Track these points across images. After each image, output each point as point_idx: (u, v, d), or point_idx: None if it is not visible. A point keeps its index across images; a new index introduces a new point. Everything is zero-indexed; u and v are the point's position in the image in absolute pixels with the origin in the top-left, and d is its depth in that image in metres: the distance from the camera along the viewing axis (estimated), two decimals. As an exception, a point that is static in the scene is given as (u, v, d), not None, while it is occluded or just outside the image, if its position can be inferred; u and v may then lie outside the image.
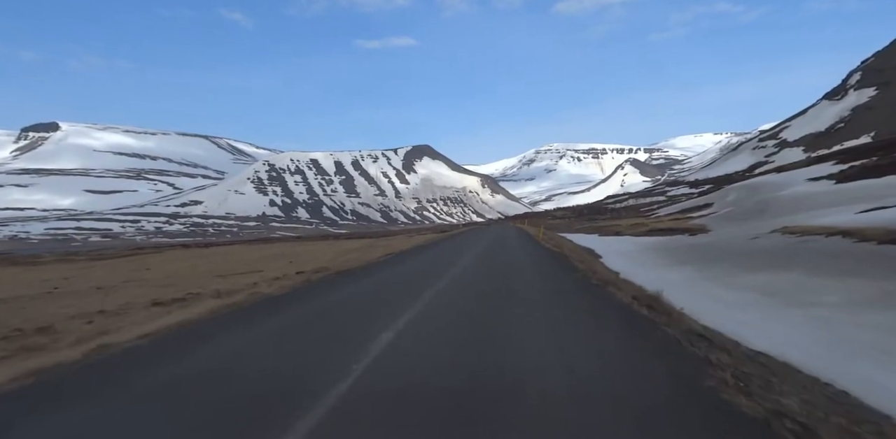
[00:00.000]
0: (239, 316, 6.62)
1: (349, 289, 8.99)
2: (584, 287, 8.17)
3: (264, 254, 24.93)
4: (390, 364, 3.98)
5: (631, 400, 3.07)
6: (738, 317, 6.11)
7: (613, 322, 5.47)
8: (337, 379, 3.60)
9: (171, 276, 15.85)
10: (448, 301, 7.06)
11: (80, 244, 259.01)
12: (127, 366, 4.34)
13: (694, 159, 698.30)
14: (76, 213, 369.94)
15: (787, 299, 7.02)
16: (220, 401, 3.27)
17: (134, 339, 5.20)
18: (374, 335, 4.91)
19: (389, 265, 14.08)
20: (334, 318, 6.19)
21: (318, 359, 4.22)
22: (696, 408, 2.91)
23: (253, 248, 35.79)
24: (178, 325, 5.94)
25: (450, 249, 17.91)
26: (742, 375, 3.39)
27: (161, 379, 3.82)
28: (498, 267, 12.27)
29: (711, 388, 3.18)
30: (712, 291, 8.32)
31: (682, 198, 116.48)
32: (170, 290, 10.27)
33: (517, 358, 4.08)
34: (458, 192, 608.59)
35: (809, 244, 10.20)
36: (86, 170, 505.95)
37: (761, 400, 2.95)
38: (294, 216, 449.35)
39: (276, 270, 13.65)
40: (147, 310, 7.39)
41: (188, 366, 4.16)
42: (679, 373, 3.53)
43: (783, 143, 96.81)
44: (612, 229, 25.05)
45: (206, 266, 19.22)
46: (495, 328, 5.22)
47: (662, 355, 4.03)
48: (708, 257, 11.87)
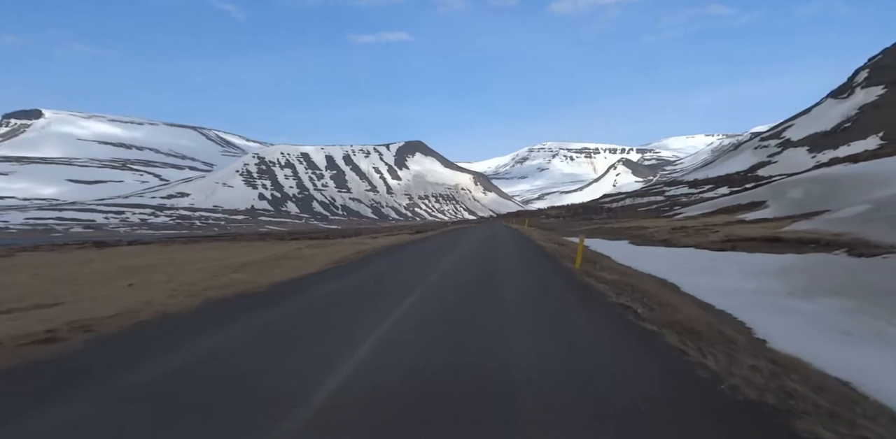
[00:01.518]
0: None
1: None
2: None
3: (132, 265, 15.62)
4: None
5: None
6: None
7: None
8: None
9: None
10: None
11: (60, 235, 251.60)
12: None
13: (686, 160, 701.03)
14: (58, 203, 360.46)
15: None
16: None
17: None
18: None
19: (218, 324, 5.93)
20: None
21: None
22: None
23: (151, 251, 27.78)
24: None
25: (395, 276, 9.99)
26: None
27: None
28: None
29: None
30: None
31: (681, 197, 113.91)
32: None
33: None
34: (450, 189, 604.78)
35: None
36: (69, 159, 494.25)
37: None
38: (283, 210, 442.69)
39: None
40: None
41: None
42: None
43: (786, 143, 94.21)
44: (640, 234, 20.13)
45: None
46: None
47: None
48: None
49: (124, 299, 7.43)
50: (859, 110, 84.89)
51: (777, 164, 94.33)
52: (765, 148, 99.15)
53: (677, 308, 6.09)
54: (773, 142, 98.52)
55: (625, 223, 32.49)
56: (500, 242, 19.97)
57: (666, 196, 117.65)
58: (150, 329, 5.60)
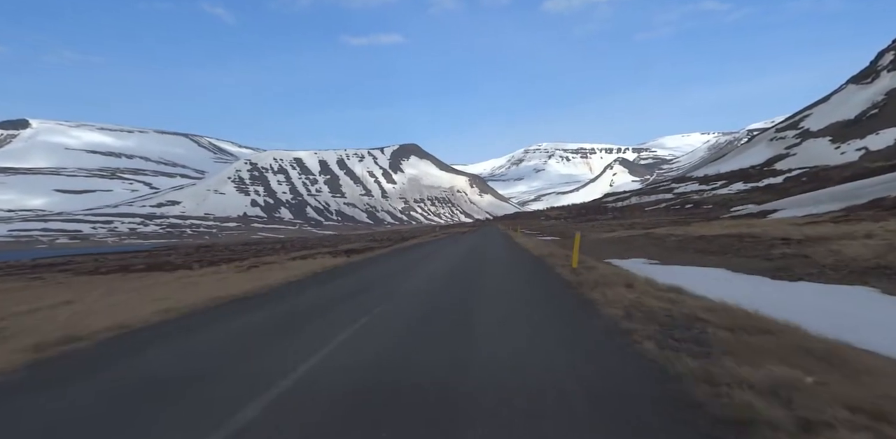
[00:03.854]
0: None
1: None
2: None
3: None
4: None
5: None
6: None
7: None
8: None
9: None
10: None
11: (45, 246, 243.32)
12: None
13: (682, 159, 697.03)
14: (44, 214, 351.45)
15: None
16: None
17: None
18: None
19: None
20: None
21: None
22: None
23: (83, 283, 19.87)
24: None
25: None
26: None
27: None
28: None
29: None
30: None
31: (691, 194, 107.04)
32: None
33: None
34: (445, 192, 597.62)
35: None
36: (57, 169, 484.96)
37: None
38: (277, 216, 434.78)
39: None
40: None
41: None
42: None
43: (805, 134, 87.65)
44: (779, 252, 10.32)
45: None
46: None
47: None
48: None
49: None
50: (886, 96, 78.41)
51: (796, 157, 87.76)
52: (781, 140, 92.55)
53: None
54: (791, 134, 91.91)
55: (675, 229, 23.12)
56: (496, 256, 13.91)
57: (675, 193, 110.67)
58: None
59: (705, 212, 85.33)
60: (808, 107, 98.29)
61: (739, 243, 12.47)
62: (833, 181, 46.33)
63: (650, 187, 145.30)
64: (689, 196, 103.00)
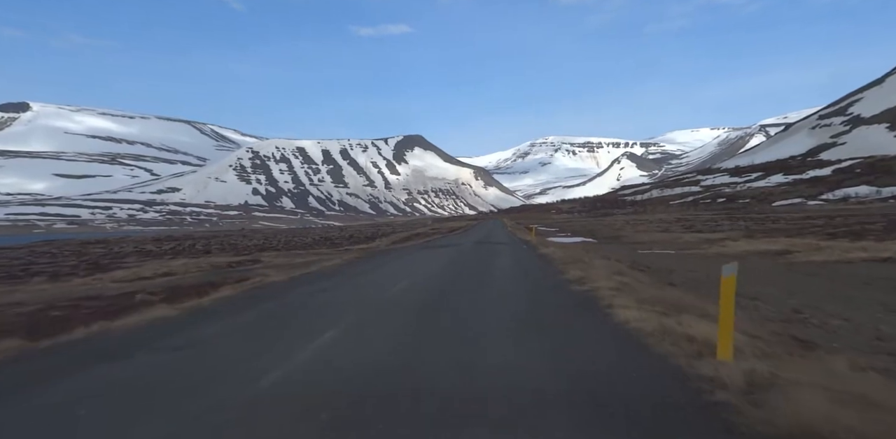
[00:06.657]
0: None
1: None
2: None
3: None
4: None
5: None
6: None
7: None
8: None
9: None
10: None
11: (42, 231, 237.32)
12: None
13: (692, 154, 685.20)
14: (42, 198, 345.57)
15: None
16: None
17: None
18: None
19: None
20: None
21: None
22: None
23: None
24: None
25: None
26: None
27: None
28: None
29: None
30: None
31: (722, 187, 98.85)
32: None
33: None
34: (450, 184, 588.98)
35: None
36: (57, 154, 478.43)
37: None
38: (278, 205, 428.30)
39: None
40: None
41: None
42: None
43: (856, 120, 79.19)
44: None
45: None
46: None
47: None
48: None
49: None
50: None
51: (846, 146, 79.04)
52: (826, 127, 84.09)
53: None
54: (837, 121, 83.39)
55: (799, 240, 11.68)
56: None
57: (703, 186, 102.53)
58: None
59: (742, 206, 77.13)
60: (856, 90, 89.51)
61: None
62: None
63: (674, 178, 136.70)
64: (719, 189, 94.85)
